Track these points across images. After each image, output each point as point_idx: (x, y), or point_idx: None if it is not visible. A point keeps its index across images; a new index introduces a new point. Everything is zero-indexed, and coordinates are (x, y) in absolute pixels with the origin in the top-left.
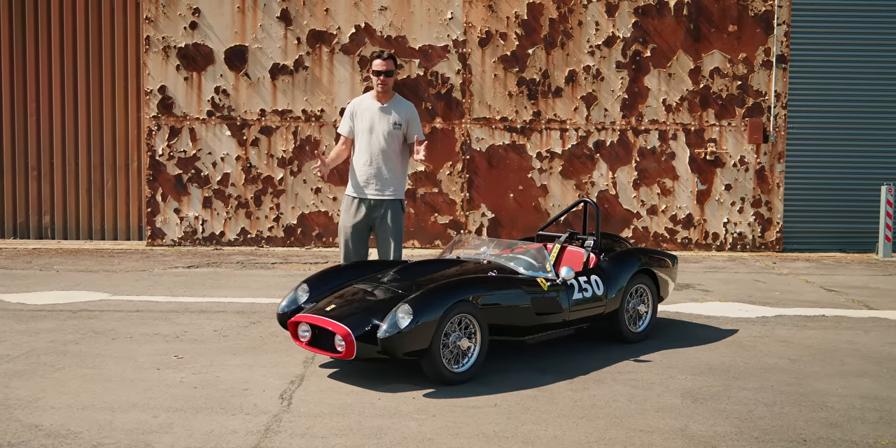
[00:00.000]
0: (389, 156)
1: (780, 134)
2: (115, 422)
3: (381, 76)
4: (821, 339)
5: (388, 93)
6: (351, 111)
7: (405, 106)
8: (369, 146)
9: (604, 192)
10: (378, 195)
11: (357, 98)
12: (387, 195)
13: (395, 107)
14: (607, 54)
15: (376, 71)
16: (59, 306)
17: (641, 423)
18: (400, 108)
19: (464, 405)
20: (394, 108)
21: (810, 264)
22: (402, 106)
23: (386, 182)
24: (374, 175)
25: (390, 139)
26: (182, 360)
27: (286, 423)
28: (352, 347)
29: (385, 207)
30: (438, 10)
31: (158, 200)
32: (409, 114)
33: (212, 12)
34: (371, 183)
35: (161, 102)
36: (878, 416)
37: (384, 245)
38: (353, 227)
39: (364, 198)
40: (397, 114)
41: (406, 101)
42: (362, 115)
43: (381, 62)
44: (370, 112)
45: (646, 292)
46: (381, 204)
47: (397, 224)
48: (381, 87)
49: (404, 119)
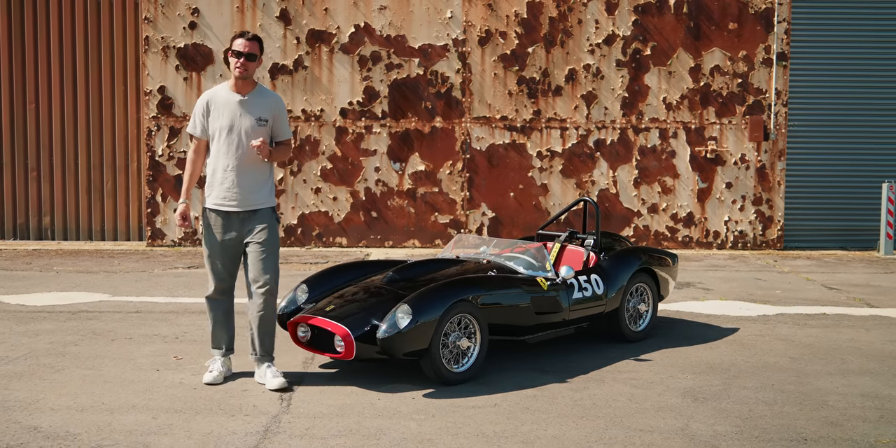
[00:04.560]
0: (255, 157)
1: (780, 132)
2: (115, 423)
3: (242, 58)
4: (822, 338)
5: (249, 81)
6: (203, 107)
7: (271, 98)
8: (229, 148)
9: (604, 191)
10: (246, 206)
11: (208, 91)
12: (257, 205)
13: (258, 99)
14: (607, 52)
15: (236, 51)
16: (59, 307)
17: (641, 422)
18: (264, 101)
19: (463, 405)
20: (256, 100)
21: (811, 262)
22: (267, 98)
23: (253, 190)
24: (237, 183)
25: (254, 138)
26: (181, 361)
27: (285, 424)
28: (351, 348)
29: (256, 220)
30: (438, 9)
31: (158, 201)
32: (276, 108)
33: (211, 12)
34: (236, 192)
35: (160, 103)
36: (878, 414)
37: (257, 263)
38: (222, 246)
39: (230, 211)
40: (261, 107)
41: (272, 92)
42: (219, 110)
43: (244, 43)
44: (228, 106)
45: (646, 291)
46: (252, 216)
47: (273, 237)
48: (239, 72)
49: (270, 114)
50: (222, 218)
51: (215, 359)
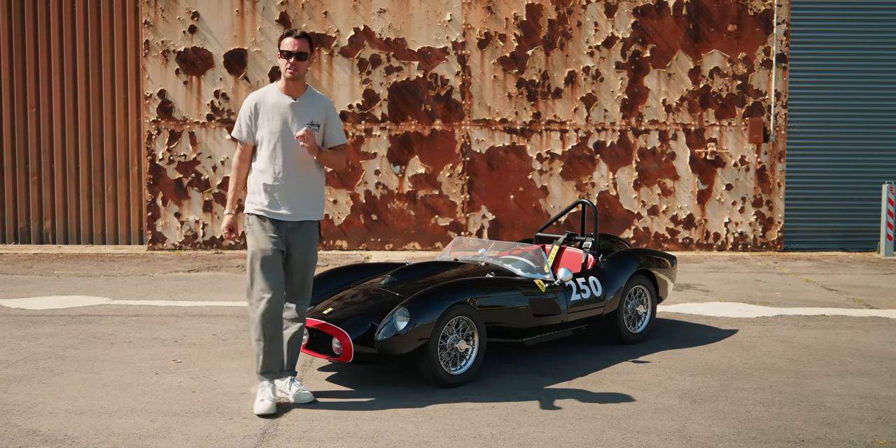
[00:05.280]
0: (308, 164)
1: (780, 133)
2: (113, 426)
3: (292, 58)
4: (821, 339)
5: (301, 83)
6: (251, 110)
7: (323, 101)
8: (279, 154)
9: (604, 193)
10: (294, 217)
11: (256, 92)
12: (305, 216)
13: (309, 102)
14: (607, 55)
15: (285, 51)
16: (59, 311)
17: (639, 424)
18: (316, 104)
19: (461, 407)
20: (308, 103)
21: (811, 264)
22: (319, 101)
23: (302, 199)
24: (286, 191)
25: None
26: (180, 364)
27: (283, 427)
28: (349, 350)
29: (301, 233)
30: (437, 12)
31: (159, 204)
32: (329, 111)
33: (211, 16)
34: (284, 201)
35: (161, 106)
36: (876, 415)
37: (297, 281)
38: (273, 253)
39: (277, 219)
40: (314, 111)
41: (322, 94)
42: (268, 113)
43: (293, 41)
44: (279, 110)
45: (644, 293)
46: (298, 228)
47: (315, 255)
48: (290, 73)
49: (322, 117)
50: (269, 224)
51: (264, 385)
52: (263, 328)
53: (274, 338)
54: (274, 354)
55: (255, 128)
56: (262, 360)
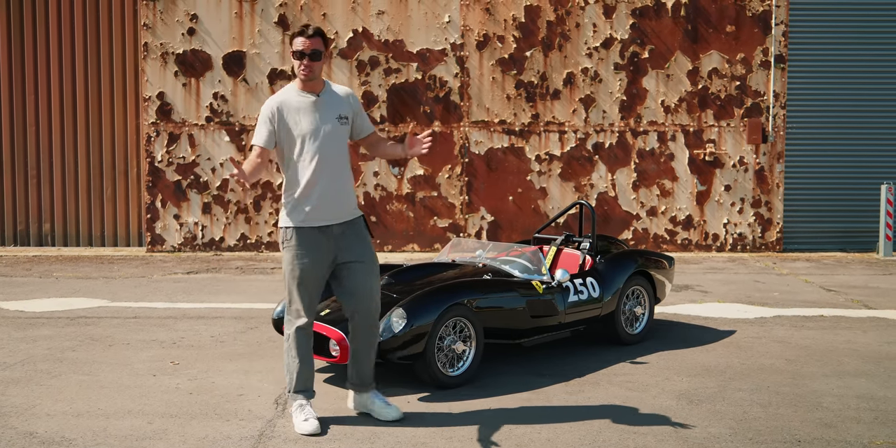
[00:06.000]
0: (342, 162)
1: (779, 134)
2: (110, 428)
3: (305, 59)
4: (819, 340)
5: (317, 81)
6: (272, 114)
7: (345, 92)
8: (314, 156)
9: (603, 194)
10: (340, 217)
11: (275, 96)
12: (351, 214)
13: (333, 95)
14: (605, 56)
15: (297, 52)
16: (58, 313)
17: (636, 424)
18: (340, 97)
19: (458, 409)
20: (332, 97)
21: (810, 264)
22: (341, 93)
23: (344, 198)
24: (328, 193)
25: (338, 140)
26: (178, 366)
27: (280, 429)
28: (346, 352)
29: (353, 233)
30: (436, 14)
31: (158, 206)
32: (354, 102)
33: (209, 18)
34: (327, 204)
35: (160, 109)
36: (873, 416)
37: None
38: (316, 270)
39: (319, 226)
40: (339, 104)
41: (341, 86)
42: (294, 115)
43: (304, 41)
44: (303, 109)
45: (642, 294)
46: (349, 229)
47: (371, 251)
48: (304, 74)
49: (349, 110)
50: (314, 236)
51: (304, 404)
52: (298, 348)
53: (304, 358)
54: (307, 375)
55: (279, 132)
56: (295, 378)
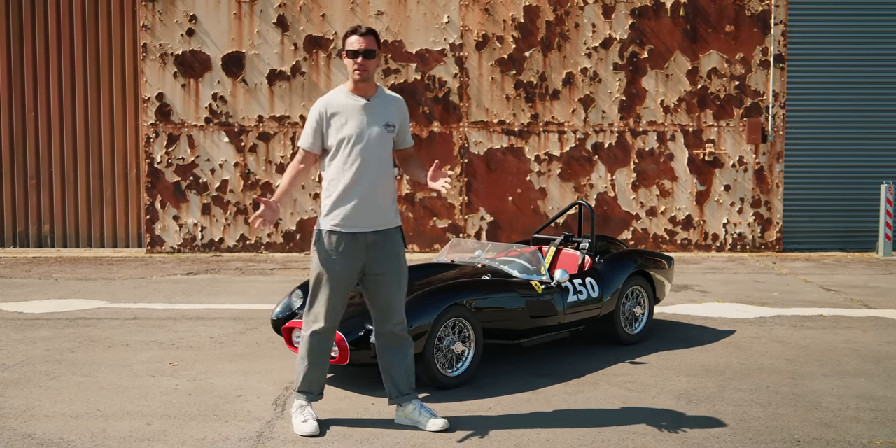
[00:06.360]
0: (384, 170)
1: (778, 134)
2: (109, 430)
3: (359, 58)
4: (818, 339)
5: (371, 83)
6: (320, 116)
7: (397, 101)
8: (356, 160)
9: (603, 194)
10: (375, 226)
11: (324, 97)
12: (386, 224)
13: (383, 102)
14: (604, 56)
15: (351, 51)
16: (57, 315)
17: (635, 425)
18: (390, 105)
19: (457, 409)
20: (382, 103)
21: (810, 264)
22: (392, 101)
23: (382, 206)
24: (365, 199)
25: (382, 147)
26: (177, 367)
27: (279, 430)
28: (345, 353)
29: (387, 243)
30: (435, 15)
31: (157, 208)
32: (403, 112)
33: (208, 19)
34: (363, 210)
35: (159, 110)
36: (873, 415)
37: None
38: (345, 274)
39: (355, 231)
40: (388, 112)
41: (395, 94)
42: (341, 117)
43: (359, 39)
44: (353, 112)
45: (642, 294)
46: (382, 239)
47: (405, 266)
48: (359, 74)
49: (397, 118)
50: (346, 241)
51: (304, 405)
52: (309, 351)
53: (317, 364)
54: (314, 378)
55: (326, 134)
56: (301, 378)
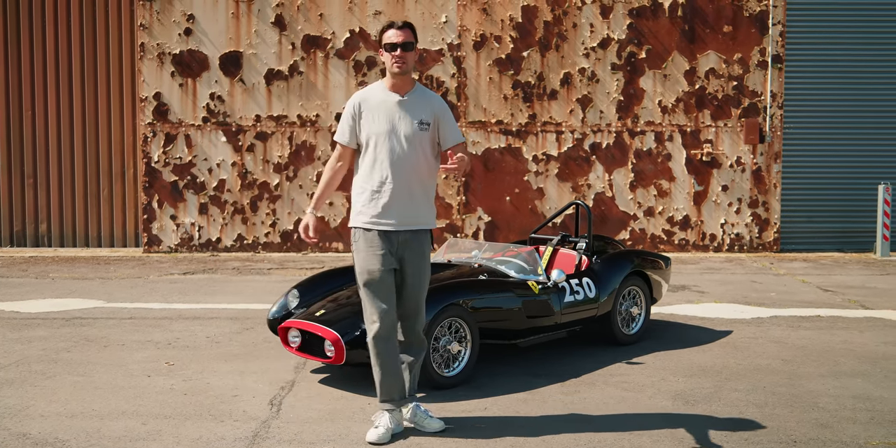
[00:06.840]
0: (418, 168)
1: (776, 134)
2: (104, 429)
3: (398, 50)
4: (815, 340)
5: (408, 79)
6: (354, 109)
7: (433, 98)
8: (388, 156)
9: (600, 195)
10: (404, 225)
11: (360, 91)
12: (416, 224)
13: (418, 99)
14: (602, 56)
15: (390, 44)
16: (53, 314)
17: (631, 425)
18: (425, 102)
19: (453, 409)
20: (417, 100)
21: (808, 264)
22: (427, 98)
23: (413, 205)
24: (395, 197)
25: (416, 145)
26: (173, 366)
27: (274, 430)
28: (341, 352)
29: (413, 244)
30: (433, 14)
31: (154, 207)
32: (439, 109)
33: (206, 18)
34: (394, 208)
35: (156, 109)
36: (869, 416)
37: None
38: (383, 271)
39: (385, 229)
40: (422, 109)
41: (432, 92)
42: (374, 112)
43: (397, 32)
44: (386, 107)
45: (638, 294)
46: (410, 239)
47: (428, 268)
48: (398, 67)
49: (432, 116)
50: (378, 238)
51: (383, 413)
52: (377, 355)
53: (385, 364)
54: (391, 384)
55: (360, 129)
56: (378, 388)
